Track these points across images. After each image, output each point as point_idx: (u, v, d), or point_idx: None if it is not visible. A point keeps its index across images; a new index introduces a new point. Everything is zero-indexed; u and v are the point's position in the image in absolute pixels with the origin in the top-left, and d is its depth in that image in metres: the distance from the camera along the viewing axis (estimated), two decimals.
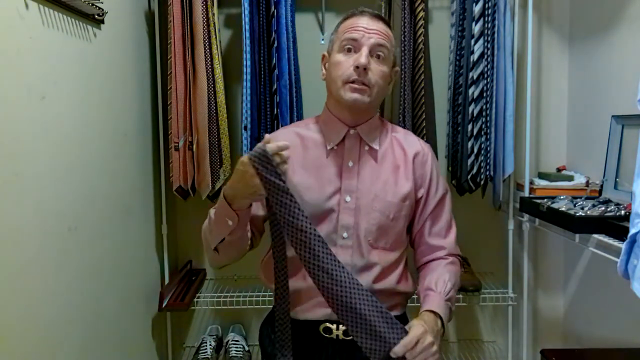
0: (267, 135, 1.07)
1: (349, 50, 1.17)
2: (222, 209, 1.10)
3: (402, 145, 1.27)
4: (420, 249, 1.31)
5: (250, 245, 1.24)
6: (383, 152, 1.25)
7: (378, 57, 1.18)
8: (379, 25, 1.20)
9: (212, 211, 1.17)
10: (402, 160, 1.25)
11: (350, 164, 1.22)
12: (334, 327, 1.20)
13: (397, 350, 1.02)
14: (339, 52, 1.19)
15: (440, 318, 1.13)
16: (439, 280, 1.20)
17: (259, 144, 1.03)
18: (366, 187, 1.21)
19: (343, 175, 1.21)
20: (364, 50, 1.15)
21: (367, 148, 1.23)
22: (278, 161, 1.02)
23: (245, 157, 1.03)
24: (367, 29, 1.17)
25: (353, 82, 1.15)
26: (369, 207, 1.20)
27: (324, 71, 1.27)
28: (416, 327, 1.07)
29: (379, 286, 1.22)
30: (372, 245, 1.21)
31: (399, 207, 1.22)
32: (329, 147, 1.23)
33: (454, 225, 1.31)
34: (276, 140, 1.17)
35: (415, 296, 1.29)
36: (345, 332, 1.20)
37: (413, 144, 1.29)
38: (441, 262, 1.27)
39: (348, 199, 1.20)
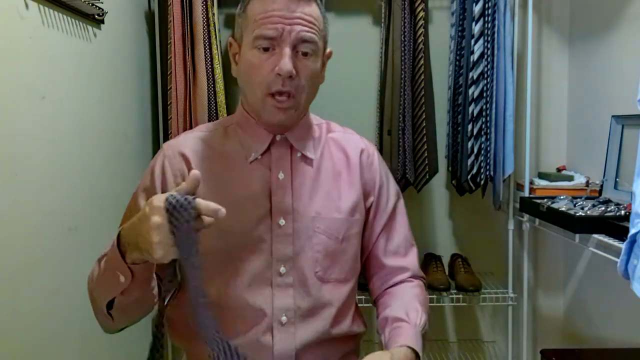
0: (195, 172, 0.76)
1: (266, 49, 0.88)
2: (112, 257, 0.80)
3: (341, 146, 1.02)
4: (376, 274, 1.05)
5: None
6: (319, 159, 0.99)
7: (305, 54, 0.90)
8: (304, 9, 0.88)
9: (101, 259, 0.87)
10: (344, 165, 1.00)
11: (281, 176, 0.95)
12: None
13: None
14: (251, 49, 0.90)
15: (417, 356, 0.89)
16: (410, 309, 0.95)
17: (183, 186, 0.75)
18: (304, 205, 0.94)
19: (273, 192, 0.94)
20: (286, 52, 0.87)
21: (299, 155, 0.97)
22: (199, 226, 0.72)
23: (160, 202, 0.72)
24: (286, 18, 0.87)
25: (276, 93, 0.89)
26: (310, 229, 0.94)
27: (234, 65, 0.97)
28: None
29: (336, 331, 0.95)
30: (322, 279, 0.94)
31: (348, 224, 0.97)
32: (250, 159, 0.95)
33: (413, 243, 1.07)
34: (179, 148, 0.96)
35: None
36: None
37: (354, 143, 1.04)
38: (406, 286, 1.02)
39: (282, 222, 0.93)
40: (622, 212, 1.54)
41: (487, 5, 1.89)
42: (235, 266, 0.91)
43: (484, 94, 1.92)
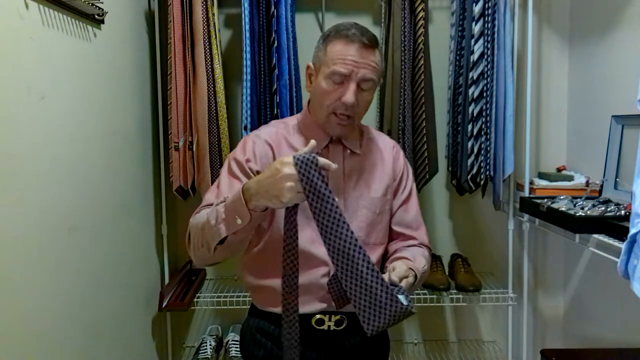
0: (313, 141, 1.04)
1: (337, 82, 1.16)
2: (235, 204, 1.03)
3: (378, 145, 1.32)
4: (392, 240, 1.32)
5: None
6: (363, 154, 1.28)
7: (364, 89, 1.17)
8: (370, 57, 1.16)
9: (205, 210, 1.12)
10: (380, 158, 1.30)
11: (335, 166, 1.17)
12: (326, 318, 1.21)
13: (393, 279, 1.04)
14: (326, 78, 1.17)
15: (415, 276, 1.12)
16: (417, 257, 1.21)
17: (305, 149, 1.00)
18: (351, 188, 1.24)
19: (329, 176, 1.19)
20: (352, 87, 1.15)
21: (349, 152, 1.26)
22: (321, 175, 0.97)
23: (288, 158, 0.97)
24: (357, 62, 1.15)
25: (339, 114, 1.18)
26: (356, 205, 1.23)
27: (308, 82, 1.26)
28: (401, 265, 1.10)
29: None
30: (364, 242, 1.22)
31: (382, 202, 1.27)
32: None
33: (423, 223, 1.34)
34: (264, 137, 1.24)
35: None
36: (337, 322, 1.22)
37: (387, 142, 1.35)
38: (415, 247, 1.28)
39: (336, 199, 1.16)
40: (622, 212, 1.54)
41: (487, 5, 1.89)
42: (303, 229, 1.15)
43: (484, 94, 1.93)
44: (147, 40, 2.00)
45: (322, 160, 0.98)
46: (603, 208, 1.60)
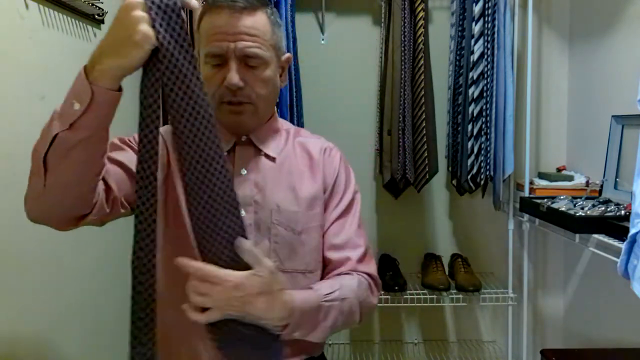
0: None
1: (215, 65, 0.94)
2: (74, 86, 0.77)
3: (306, 148, 1.06)
4: (326, 268, 1.02)
5: (96, 208, 0.86)
6: (283, 158, 1.02)
7: (254, 65, 0.94)
8: (246, 23, 0.92)
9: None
10: (307, 165, 1.04)
11: (244, 172, 0.99)
12: None
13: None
14: (204, 64, 0.95)
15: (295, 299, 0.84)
16: (324, 284, 0.95)
17: None
18: (264, 198, 0.98)
19: (235, 185, 0.90)
20: (232, 66, 0.92)
21: (263, 154, 1.01)
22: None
23: None
24: (229, 34, 0.91)
25: (229, 102, 0.94)
26: (269, 221, 0.97)
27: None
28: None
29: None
30: (280, 269, 0.92)
31: (306, 218, 0.99)
32: None
33: (364, 244, 1.03)
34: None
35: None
36: None
37: (319, 144, 1.07)
38: (342, 276, 0.99)
39: (243, 213, 0.92)
40: (622, 212, 1.54)
41: (487, 5, 1.89)
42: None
43: (484, 94, 1.93)
44: None
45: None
46: (603, 208, 1.60)
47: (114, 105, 0.79)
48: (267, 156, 1.01)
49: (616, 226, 1.45)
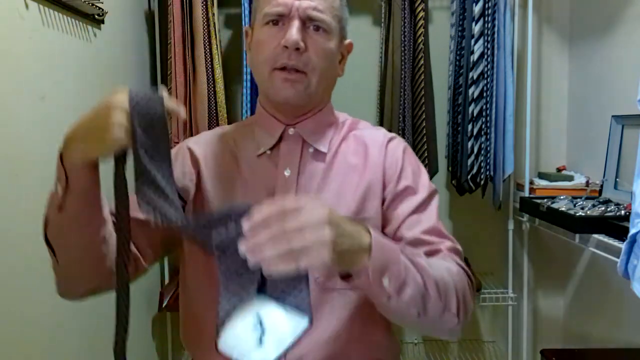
0: (163, 87, 0.76)
1: (275, 23, 0.85)
2: (56, 168, 0.74)
3: (363, 141, 0.92)
4: None
5: (138, 268, 0.88)
6: (334, 154, 0.90)
7: (317, 28, 0.85)
8: None
9: None
10: (362, 156, 0.90)
11: (287, 172, 0.87)
12: None
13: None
14: (261, 27, 0.86)
15: (369, 232, 0.68)
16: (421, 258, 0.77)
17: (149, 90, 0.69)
18: None
19: (277, 190, 0.86)
20: (295, 24, 0.83)
21: (311, 151, 0.90)
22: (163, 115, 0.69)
23: (123, 89, 0.68)
24: None
25: (283, 68, 0.83)
26: None
27: (248, 50, 0.93)
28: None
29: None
30: (323, 286, 0.82)
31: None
32: (258, 153, 0.89)
33: (449, 236, 0.89)
34: (188, 143, 0.93)
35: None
36: None
37: (379, 135, 0.94)
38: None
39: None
40: (622, 212, 1.54)
41: (487, 5, 1.89)
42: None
43: (484, 94, 1.93)
44: (147, 40, 2.00)
45: (166, 96, 0.69)
46: (603, 208, 1.60)
47: (93, 184, 0.75)
48: (317, 153, 0.90)
49: (616, 226, 1.45)
